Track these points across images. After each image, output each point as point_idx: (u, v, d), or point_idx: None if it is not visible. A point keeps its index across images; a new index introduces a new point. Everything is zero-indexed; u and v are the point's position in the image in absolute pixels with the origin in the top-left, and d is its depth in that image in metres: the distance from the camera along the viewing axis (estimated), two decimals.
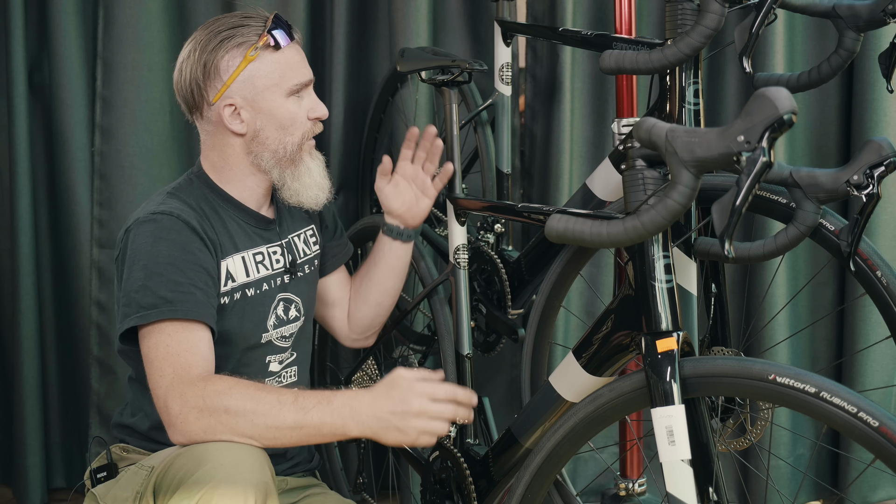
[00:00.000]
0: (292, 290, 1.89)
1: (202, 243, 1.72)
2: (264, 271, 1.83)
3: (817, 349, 2.74)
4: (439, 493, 1.96)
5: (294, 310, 1.88)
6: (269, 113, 1.78)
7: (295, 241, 1.92)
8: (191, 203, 1.77)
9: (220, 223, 1.79)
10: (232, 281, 1.77)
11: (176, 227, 1.70)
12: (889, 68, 1.77)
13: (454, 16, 2.69)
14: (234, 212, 1.82)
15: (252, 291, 1.80)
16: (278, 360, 1.87)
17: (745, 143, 1.20)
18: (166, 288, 1.66)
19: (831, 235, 1.65)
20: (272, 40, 1.77)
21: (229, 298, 1.76)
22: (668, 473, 1.38)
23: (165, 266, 1.67)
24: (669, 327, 1.43)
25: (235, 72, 1.76)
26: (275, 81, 1.78)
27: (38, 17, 2.63)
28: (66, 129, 2.61)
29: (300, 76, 1.80)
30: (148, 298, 1.66)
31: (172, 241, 1.69)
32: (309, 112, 1.82)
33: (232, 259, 1.78)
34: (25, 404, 2.62)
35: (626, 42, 1.90)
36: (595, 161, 2.61)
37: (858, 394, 1.32)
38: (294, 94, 1.80)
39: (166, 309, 1.65)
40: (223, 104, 1.78)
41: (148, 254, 1.69)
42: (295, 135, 1.80)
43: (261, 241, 1.85)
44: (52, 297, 2.71)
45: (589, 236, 1.33)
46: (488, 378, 2.73)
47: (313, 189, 1.84)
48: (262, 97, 1.78)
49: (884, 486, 2.70)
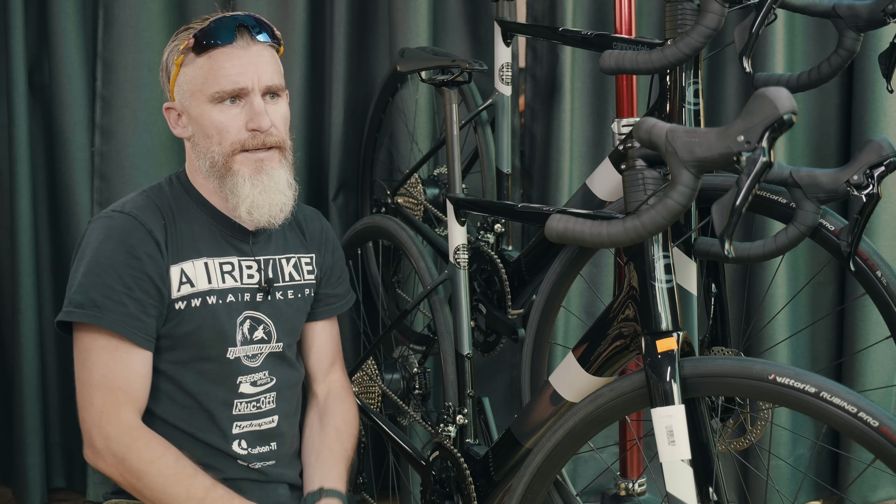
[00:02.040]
0: (263, 311, 1.76)
1: (155, 247, 1.66)
2: (231, 282, 1.73)
3: (817, 349, 2.74)
4: (439, 493, 1.96)
5: (262, 332, 1.76)
6: (196, 119, 1.70)
7: (280, 263, 1.81)
8: (159, 203, 1.71)
9: (187, 226, 1.72)
10: (190, 286, 1.68)
11: (128, 227, 1.66)
12: (889, 68, 1.77)
13: (454, 16, 2.70)
14: (207, 217, 1.74)
15: (213, 300, 1.71)
16: (251, 382, 1.75)
17: (745, 143, 1.20)
18: (98, 291, 1.63)
19: (831, 235, 1.65)
20: (194, 43, 1.68)
21: (185, 303, 1.68)
22: (668, 473, 1.38)
23: (105, 268, 1.63)
24: (669, 327, 1.43)
25: (172, 76, 1.73)
26: (197, 87, 1.68)
27: (38, 17, 2.63)
28: (66, 129, 2.61)
29: (224, 83, 1.66)
30: (78, 296, 1.64)
31: (120, 242, 1.65)
32: (247, 122, 1.67)
33: (192, 263, 1.70)
34: (25, 404, 2.62)
35: (626, 42, 1.90)
36: (595, 161, 2.61)
37: (858, 394, 1.32)
38: (220, 100, 1.67)
39: (92, 313, 1.62)
40: (166, 108, 1.76)
41: (93, 251, 1.65)
42: (223, 144, 1.67)
43: (233, 251, 1.75)
44: (52, 297, 2.71)
45: (589, 236, 1.32)
46: (488, 378, 2.73)
47: (245, 204, 1.68)
48: (190, 103, 1.70)
49: (884, 486, 2.70)
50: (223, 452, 1.72)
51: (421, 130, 2.58)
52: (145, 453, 1.61)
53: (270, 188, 1.69)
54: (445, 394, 1.99)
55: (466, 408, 1.96)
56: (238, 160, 1.68)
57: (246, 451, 1.74)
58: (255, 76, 1.67)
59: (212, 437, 1.72)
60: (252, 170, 1.68)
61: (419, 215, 2.49)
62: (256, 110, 1.67)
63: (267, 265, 1.79)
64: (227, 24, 1.68)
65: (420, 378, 2.23)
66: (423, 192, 2.49)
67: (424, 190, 2.50)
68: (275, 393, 1.78)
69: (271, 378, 1.77)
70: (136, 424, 1.64)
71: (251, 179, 1.68)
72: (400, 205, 2.51)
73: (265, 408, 1.77)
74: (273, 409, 1.78)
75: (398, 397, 2.22)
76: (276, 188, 1.70)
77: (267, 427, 1.77)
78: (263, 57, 1.70)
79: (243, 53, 1.68)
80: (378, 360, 2.29)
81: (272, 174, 1.70)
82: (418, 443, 2.44)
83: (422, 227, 2.39)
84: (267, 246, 1.80)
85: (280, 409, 1.79)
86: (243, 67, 1.67)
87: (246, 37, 1.69)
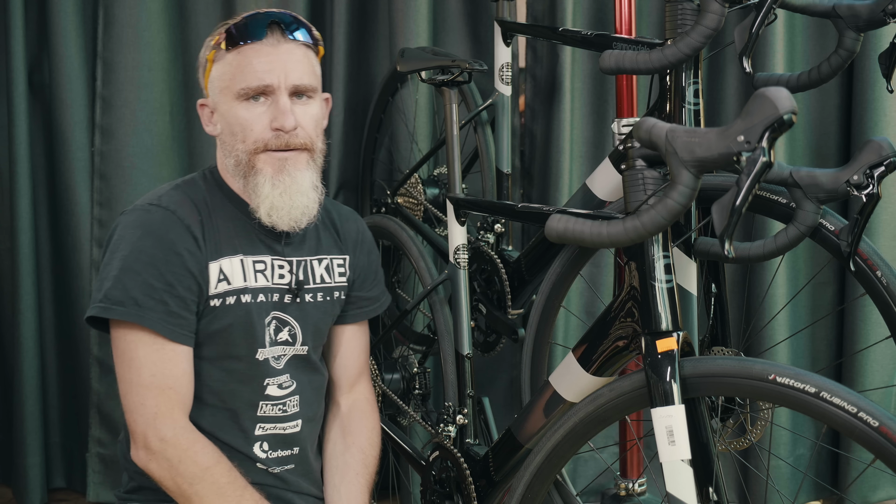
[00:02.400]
0: (290, 313, 1.74)
1: (194, 242, 1.64)
2: (263, 281, 1.71)
3: (817, 349, 2.74)
4: (439, 493, 1.96)
5: (287, 333, 1.74)
6: (223, 116, 1.69)
7: (311, 264, 1.78)
8: (194, 198, 1.69)
9: (223, 223, 1.69)
10: (227, 283, 1.67)
11: (167, 222, 1.63)
12: (889, 68, 1.77)
13: (454, 16, 2.70)
14: (241, 214, 1.71)
15: (247, 298, 1.69)
16: (277, 384, 1.74)
17: (745, 143, 1.20)
18: (139, 289, 1.60)
19: (831, 235, 1.65)
20: (226, 38, 1.66)
21: (221, 301, 1.66)
22: (668, 473, 1.38)
23: (145, 265, 1.60)
24: (669, 327, 1.43)
25: (206, 72, 1.72)
26: (226, 83, 1.67)
27: (38, 17, 2.63)
28: (66, 129, 2.61)
29: (250, 79, 1.64)
30: (117, 292, 1.60)
31: (160, 238, 1.62)
32: (272, 121, 1.64)
33: (229, 261, 1.68)
34: (25, 404, 2.62)
35: (626, 42, 1.90)
36: (595, 161, 2.61)
37: (858, 394, 1.32)
38: (246, 97, 1.65)
39: (133, 311, 1.59)
40: (199, 105, 1.75)
41: (131, 245, 1.61)
42: (247, 142, 1.65)
43: (266, 250, 1.72)
44: (52, 297, 2.71)
45: (589, 236, 1.32)
46: (488, 378, 2.73)
47: (265, 205, 1.65)
48: (219, 100, 1.69)
49: (884, 486, 2.70)
50: (243, 454, 1.70)
51: (421, 130, 2.59)
52: (202, 459, 1.60)
53: (292, 189, 1.66)
54: (445, 394, 1.99)
55: (466, 408, 1.96)
56: (261, 159, 1.66)
57: (266, 455, 1.73)
58: (283, 74, 1.65)
59: (233, 437, 1.70)
60: (274, 169, 1.65)
61: (419, 215, 2.49)
62: (281, 109, 1.64)
63: (299, 266, 1.76)
64: (260, 21, 1.66)
65: (420, 378, 2.23)
66: (423, 192, 2.49)
67: (424, 190, 2.50)
68: (299, 397, 1.76)
69: (293, 381, 1.76)
70: (190, 427, 1.62)
71: (272, 179, 1.65)
72: (400, 205, 2.51)
73: (290, 411, 1.75)
74: (297, 413, 1.76)
75: (398, 397, 2.22)
76: (297, 190, 1.66)
77: (291, 431, 1.76)
78: (294, 55, 1.67)
79: (272, 51, 1.65)
80: (378, 360, 2.29)
81: (295, 175, 1.66)
82: (418, 443, 2.44)
83: (422, 227, 2.39)
84: (301, 247, 1.77)
85: (304, 413, 1.77)
86: (271, 65, 1.64)
87: (277, 34, 1.67)
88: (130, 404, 1.62)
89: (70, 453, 2.77)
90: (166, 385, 1.61)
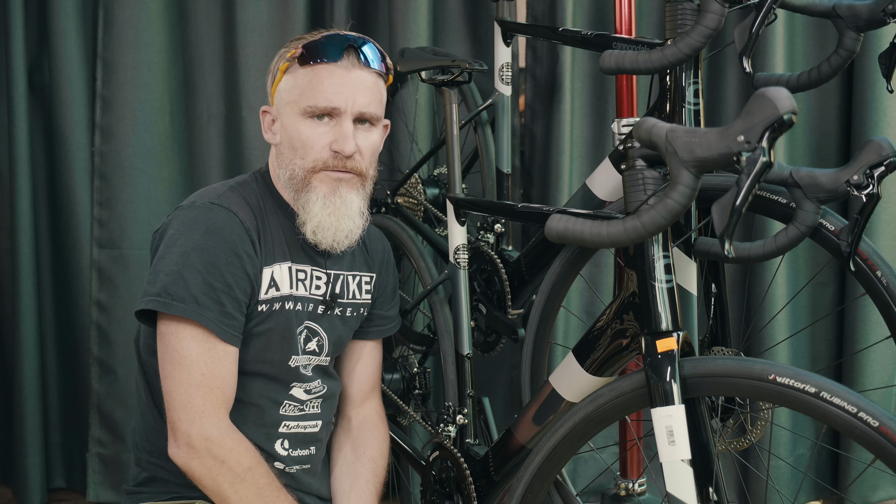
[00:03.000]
0: (321, 323, 1.77)
1: (251, 246, 1.65)
2: (303, 290, 1.73)
3: (817, 349, 2.74)
4: (439, 493, 1.96)
5: (315, 344, 1.77)
6: (285, 129, 1.71)
7: (347, 279, 1.81)
8: (250, 202, 1.70)
9: (274, 229, 1.71)
10: (276, 290, 1.69)
11: (230, 223, 1.64)
12: (889, 68, 1.77)
13: (454, 16, 2.70)
14: (289, 222, 1.73)
15: (290, 305, 1.72)
16: (304, 389, 1.77)
17: (745, 143, 1.20)
18: (199, 287, 1.59)
19: (831, 235, 1.65)
20: (301, 53, 1.68)
21: (268, 306, 1.68)
22: (668, 473, 1.38)
23: (206, 263, 1.60)
24: (669, 327, 1.43)
25: (275, 81, 1.73)
26: (294, 98, 1.69)
27: (38, 17, 2.63)
28: (66, 129, 2.61)
29: (318, 99, 1.66)
30: (178, 289, 1.59)
31: (223, 238, 1.62)
32: (332, 142, 1.67)
33: (279, 267, 1.70)
34: (25, 404, 2.62)
35: (626, 42, 1.90)
36: (595, 161, 2.61)
37: (858, 394, 1.32)
38: (311, 115, 1.67)
39: (192, 309, 1.59)
40: (262, 111, 1.76)
41: (192, 241, 1.61)
42: (305, 159, 1.68)
43: (307, 259, 1.75)
44: (52, 297, 2.72)
45: (589, 236, 1.32)
46: (488, 378, 2.73)
47: (312, 222, 1.68)
48: (284, 112, 1.71)
49: (884, 486, 2.70)
50: (264, 452, 1.71)
51: (421, 130, 2.59)
52: (245, 459, 1.61)
53: (341, 212, 1.69)
54: (445, 394, 1.99)
55: (466, 408, 1.96)
56: (318, 178, 1.68)
57: (287, 453, 1.75)
58: (351, 99, 1.67)
59: (255, 434, 1.70)
60: (328, 189, 1.68)
61: (419, 215, 2.49)
62: (343, 133, 1.67)
63: (336, 280, 1.79)
64: (338, 42, 1.68)
65: (420, 378, 2.23)
66: (423, 192, 2.49)
67: (424, 190, 2.50)
68: (321, 400, 1.80)
69: (323, 386, 1.79)
70: (234, 428, 1.63)
71: (324, 199, 1.68)
72: (400, 205, 2.51)
73: (310, 412, 1.78)
74: (318, 414, 1.80)
75: (398, 397, 2.22)
76: (346, 213, 1.69)
77: (311, 430, 1.78)
78: (364, 82, 1.69)
79: (345, 73, 1.67)
80: None
81: (346, 198, 1.69)
82: (418, 443, 2.44)
83: (422, 227, 2.39)
84: (340, 261, 1.80)
85: (323, 415, 1.81)
86: (341, 87, 1.67)
87: (353, 58, 1.68)
88: (176, 402, 1.61)
89: (70, 453, 2.77)
90: (214, 385, 1.62)
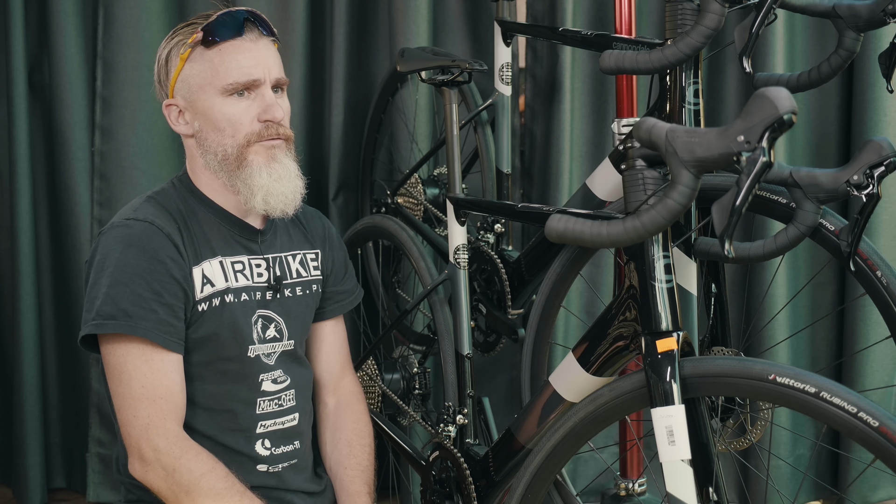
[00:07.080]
0: (273, 309, 1.77)
1: (175, 250, 1.66)
2: (244, 281, 1.74)
3: (817, 349, 2.74)
4: (439, 493, 1.96)
5: (273, 330, 1.77)
6: (204, 114, 1.70)
7: (287, 260, 1.82)
8: (168, 208, 1.71)
9: (199, 228, 1.72)
10: (210, 286, 1.69)
11: (147, 233, 1.65)
12: (889, 68, 1.77)
13: (454, 16, 2.70)
14: (214, 217, 1.74)
15: (231, 298, 1.71)
16: (271, 380, 1.76)
17: (745, 143, 1.20)
18: (128, 300, 1.61)
19: (831, 235, 1.65)
20: (203, 36, 1.67)
21: (208, 304, 1.69)
22: (668, 473, 1.38)
23: (132, 276, 1.62)
24: (669, 327, 1.43)
25: (175, 72, 1.72)
26: (207, 80, 1.68)
27: (38, 17, 2.63)
28: (66, 129, 2.61)
29: (237, 74, 1.67)
30: (108, 308, 1.61)
31: (142, 248, 1.63)
32: (260, 113, 1.69)
33: (209, 263, 1.70)
34: (25, 404, 2.62)
35: (626, 42, 1.90)
36: (595, 161, 2.61)
37: (858, 394, 1.32)
38: (231, 92, 1.67)
39: (125, 323, 1.60)
40: (166, 105, 1.75)
41: (116, 261, 1.63)
42: (236, 136, 1.68)
43: (242, 250, 1.75)
44: (52, 297, 2.72)
45: (589, 236, 1.32)
46: (488, 378, 2.73)
47: (261, 193, 1.69)
48: (198, 97, 1.69)
49: (884, 486, 2.70)
50: (244, 455, 1.71)
51: (421, 130, 2.59)
52: (196, 465, 1.60)
53: (284, 176, 1.71)
54: (445, 394, 1.99)
55: (466, 408, 1.96)
56: (252, 150, 1.69)
57: (269, 452, 1.74)
58: (267, 69, 1.70)
59: (233, 438, 1.71)
60: (266, 158, 1.70)
61: (419, 215, 2.49)
62: (269, 102, 1.69)
63: (275, 263, 1.80)
64: (236, 18, 1.70)
65: (420, 378, 2.23)
66: (423, 192, 2.49)
67: (424, 190, 2.50)
68: (293, 391, 1.79)
69: (286, 376, 1.78)
70: (183, 436, 1.63)
71: (266, 168, 1.70)
72: (400, 205, 2.51)
73: (286, 405, 1.78)
74: (294, 407, 1.79)
75: (398, 397, 2.22)
76: (289, 176, 1.72)
77: (290, 425, 1.78)
78: (271, 50, 1.73)
79: (253, 46, 1.70)
80: (378, 360, 2.29)
81: (283, 162, 1.72)
82: (418, 443, 2.44)
83: (422, 227, 2.39)
84: (273, 244, 1.81)
85: (300, 406, 1.80)
86: (255, 60, 1.69)
87: (254, 31, 1.71)
88: (123, 417, 1.63)
89: (70, 453, 2.77)
90: (157, 395, 1.62)
